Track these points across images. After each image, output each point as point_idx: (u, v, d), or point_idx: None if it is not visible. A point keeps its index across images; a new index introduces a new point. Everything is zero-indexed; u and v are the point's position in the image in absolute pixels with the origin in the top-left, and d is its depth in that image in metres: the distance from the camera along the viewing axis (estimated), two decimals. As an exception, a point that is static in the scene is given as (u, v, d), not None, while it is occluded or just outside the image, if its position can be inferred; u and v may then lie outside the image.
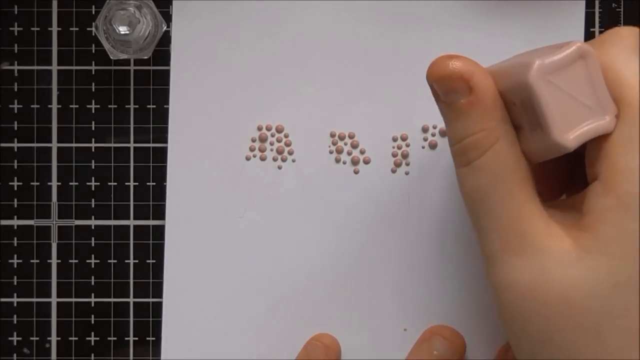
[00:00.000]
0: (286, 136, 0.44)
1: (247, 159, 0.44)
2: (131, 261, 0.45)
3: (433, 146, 0.44)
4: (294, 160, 0.44)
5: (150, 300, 0.44)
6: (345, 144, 0.44)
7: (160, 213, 0.44)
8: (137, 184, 0.45)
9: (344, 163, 0.44)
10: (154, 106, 0.45)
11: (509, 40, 0.44)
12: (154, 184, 0.45)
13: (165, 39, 0.44)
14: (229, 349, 0.44)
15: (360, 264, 0.44)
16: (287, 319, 0.44)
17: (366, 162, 0.44)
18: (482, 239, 0.36)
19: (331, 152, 0.44)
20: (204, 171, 0.44)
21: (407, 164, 0.44)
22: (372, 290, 0.44)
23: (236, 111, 0.44)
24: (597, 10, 0.45)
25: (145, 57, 0.43)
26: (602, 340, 0.33)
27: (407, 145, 0.44)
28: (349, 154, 0.44)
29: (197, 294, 0.44)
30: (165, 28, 0.43)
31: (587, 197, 0.34)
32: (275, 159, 0.44)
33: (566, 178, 0.40)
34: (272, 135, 0.44)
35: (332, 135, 0.44)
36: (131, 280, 0.45)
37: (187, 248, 0.44)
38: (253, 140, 0.44)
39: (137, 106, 0.45)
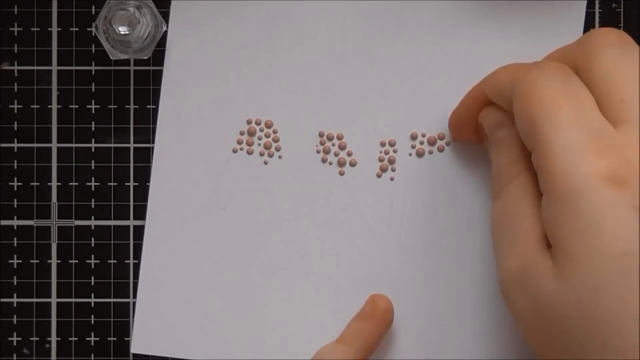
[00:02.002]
0: (275, 132, 0.44)
1: (234, 151, 0.44)
2: (131, 261, 0.45)
3: (420, 154, 0.44)
4: (280, 157, 0.44)
5: (150, 300, 0.44)
6: (333, 144, 0.44)
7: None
8: (137, 184, 0.45)
9: (330, 164, 0.44)
10: (154, 106, 0.45)
11: (507, 41, 0.44)
12: (154, 184, 0.45)
13: (165, 39, 0.44)
14: (201, 340, 0.44)
15: (338, 266, 0.44)
16: (260, 313, 0.44)
17: (352, 164, 0.44)
18: (496, 262, 0.38)
19: (318, 152, 0.44)
20: (190, 161, 0.44)
21: (393, 170, 0.44)
22: (346, 294, 0.44)
23: (227, 104, 0.44)
24: (597, 10, 0.45)
25: (145, 57, 0.43)
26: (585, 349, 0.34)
27: (395, 151, 0.44)
28: (336, 155, 0.44)
29: (173, 281, 0.44)
30: (165, 28, 0.43)
31: (542, 210, 0.36)
32: (262, 154, 0.44)
33: None
34: (261, 130, 0.44)
35: (321, 134, 0.44)
36: (131, 280, 0.45)
37: (167, 234, 0.44)
38: (241, 134, 0.44)
39: (137, 106, 0.45)
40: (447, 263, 0.44)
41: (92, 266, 0.45)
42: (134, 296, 0.45)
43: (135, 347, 0.44)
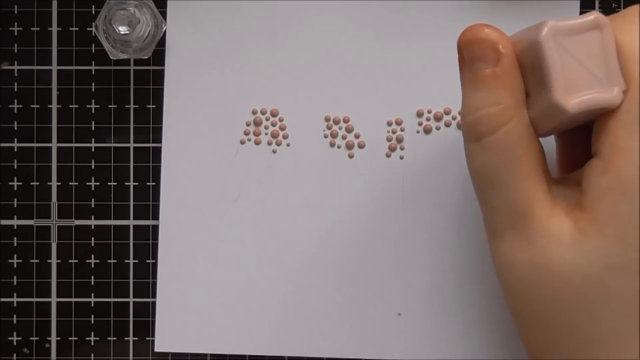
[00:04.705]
0: (281, 120, 0.44)
1: (242, 142, 0.44)
2: (131, 261, 0.45)
3: (428, 131, 0.44)
4: (288, 145, 0.44)
5: (150, 300, 0.44)
6: (340, 128, 0.44)
7: (160, 213, 0.44)
8: (136, 184, 0.45)
9: (339, 147, 0.44)
10: (154, 106, 0.45)
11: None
12: (154, 184, 0.45)
13: (165, 39, 0.44)
14: (222, 334, 0.44)
15: (354, 249, 0.44)
16: (280, 303, 0.44)
17: (361, 146, 0.44)
18: (487, 215, 0.36)
19: (326, 137, 0.44)
20: (199, 156, 0.44)
21: (402, 149, 0.44)
22: (365, 275, 0.44)
23: (231, 95, 0.44)
24: (597, 10, 0.45)
25: (145, 57, 0.43)
26: (596, 322, 0.33)
27: (402, 130, 0.44)
28: (344, 138, 0.44)
29: (191, 277, 0.44)
30: (165, 28, 0.43)
31: (587, 175, 0.34)
32: (269, 143, 0.44)
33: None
34: (267, 119, 0.44)
35: (327, 119, 0.44)
36: (131, 280, 0.45)
37: (181, 231, 0.44)
38: (247, 124, 0.44)
39: (137, 106, 0.45)
40: (461, 235, 0.44)
41: (92, 266, 0.45)
42: (134, 296, 0.45)
43: (159, 346, 0.44)
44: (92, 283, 0.45)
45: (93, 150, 0.45)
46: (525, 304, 0.35)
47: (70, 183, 0.45)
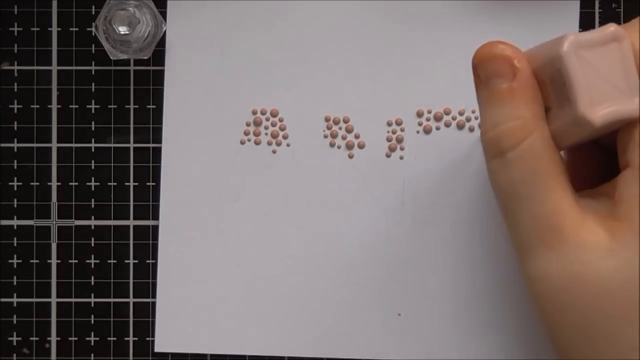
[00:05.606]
0: (281, 120, 0.44)
1: (242, 143, 0.44)
2: (131, 261, 0.45)
3: (427, 131, 0.44)
4: (288, 145, 0.44)
5: (150, 300, 0.44)
6: (340, 128, 0.44)
7: (160, 213, 0.44)
8: (136, 184, 0.45)
9: (339, 147, 0.44)
10: (154, 106, 0.45)
11: (506, 33, 0.44)
12: (154, 184, 0.45)
13: (165, 39, 0.44)
14: (222, 334, 0.44)
15: (354, 249, 0.44)
16: (280, 304, 0.44)
17: (361, 146, 0.44)
18: (514, 231, 0.36)
19: (326, 137, 0.44)
20: (199, 156, 0.44)
21: (402, 149, 0.44)
22: (365, 275, 0.44)
23: (231, 95, 0.44)
24: (597, 10, 0.45)
25: (145, 57, 0.43)
26: (636, 328, 0.33)
27: (402, 130, 0.44)
28: (344, 138, 0.44)
29: (191, 277, 0.44)
30: (165, 28, 0.43)
31: (620, 185, 0.34)
32: (269, 143, 0.44)
33: (606, 168, 0.39)
34: (267, 120, 0.44)
35: (327, 119, 0.44)
36: (131, 280, 0.45)
37: (181, 231, 0.44)
38: (247, 125, 0.44)
39: (137, 106, 0.45)
40: (461, 236, 0.44)
41: (92, 266, 0.45)
42: (134, 296, 0.45)
43: (159, 346, 0.44)
44: (92, 283, 0.45)
45: (93, 150, 0.45)
46: (563, 317, 0.35)
47: (70, 183, 0.45)
